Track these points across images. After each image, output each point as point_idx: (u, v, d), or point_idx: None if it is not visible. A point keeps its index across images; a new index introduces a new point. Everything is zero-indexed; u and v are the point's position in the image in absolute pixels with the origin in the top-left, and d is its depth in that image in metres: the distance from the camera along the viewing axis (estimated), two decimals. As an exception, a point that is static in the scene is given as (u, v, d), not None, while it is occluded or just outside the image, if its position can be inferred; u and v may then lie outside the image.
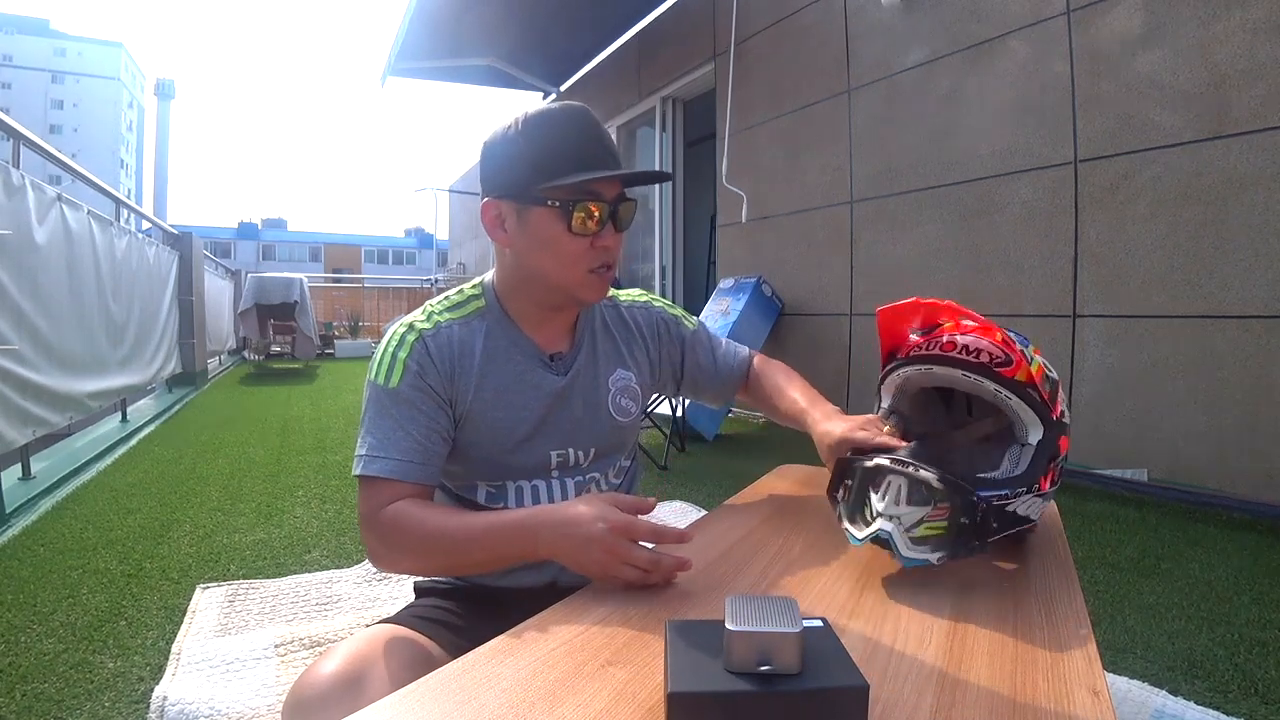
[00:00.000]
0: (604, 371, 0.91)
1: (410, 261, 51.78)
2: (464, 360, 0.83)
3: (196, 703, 1.31)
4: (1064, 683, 0.50)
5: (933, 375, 0.75)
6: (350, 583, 1.93)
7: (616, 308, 0.97)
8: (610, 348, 0.93)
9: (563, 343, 0.90)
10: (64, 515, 2.56)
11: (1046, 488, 0.71)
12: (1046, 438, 0.71)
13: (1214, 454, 2.50)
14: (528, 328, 0.87)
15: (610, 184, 0.79)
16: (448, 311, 0.86)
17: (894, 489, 0.68)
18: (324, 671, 0.62)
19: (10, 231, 2.63)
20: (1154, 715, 1.28)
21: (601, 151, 0.79)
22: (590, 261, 0.80)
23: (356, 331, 12.26)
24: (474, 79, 7.62)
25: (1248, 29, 2.38)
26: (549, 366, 0.87)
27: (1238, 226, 2.43)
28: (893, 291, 3.72)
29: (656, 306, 1.01)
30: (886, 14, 3.68)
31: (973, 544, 0.66)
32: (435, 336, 0.82)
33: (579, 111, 0.81)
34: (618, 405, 0.91)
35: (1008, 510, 0.68)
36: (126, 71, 60.94)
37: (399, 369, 0.80)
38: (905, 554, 0.66)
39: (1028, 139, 3.05)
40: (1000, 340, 0.71)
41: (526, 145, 0.79)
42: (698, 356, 1.01)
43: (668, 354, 0.99)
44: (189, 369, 6.12)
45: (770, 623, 0.45)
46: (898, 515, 0.67)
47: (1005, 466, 0.72)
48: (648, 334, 0.97)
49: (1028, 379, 0.70)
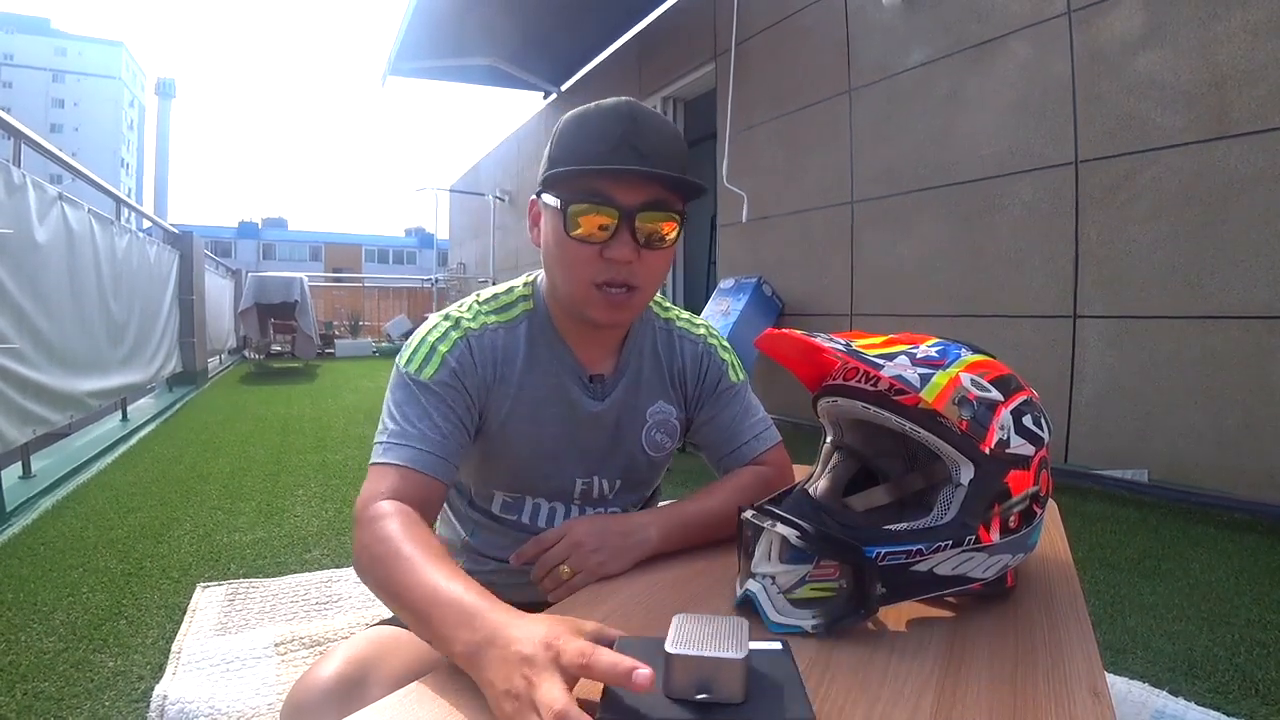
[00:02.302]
0: (644, 402, 0.85)
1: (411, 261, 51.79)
2: (505, 368, 0.78)
3: (196, 701, 1.31)
4: (1064, 683, 0.50)
5: (839, 408, 0.64)
6: (350, 582, 1.93)
7: (670, 332, 0.88)
8: (655, 376, 0.86)
9: (607, 363, 0.83)
10: (64, 514, 2.56)
11: (992, 538, 0.58)
12: (980, 476, 0.57)
13: (1214, 454, 2.50)
14: (572, 340, 0.81)
15: (632, 189, 0.69)
16: (494, 313, 0.80)
17: (765, 543, 0.60)
18: (323, 674, 0.62)
19: (11, 230, 2.63)
20: (1154, 715, 1.28)
21: (618, 147, 0.68)
22: (596, 275, 0.71)
23: (357, 331, 12.25)
24: (475, 79, 7.62)
25: (1248, 29, 2.38)
26: (587, 389, 0.81)
27: (1238, 227, 2.43)
28: (893, 291, 3.72)
29: (709, 344, 0.89)
30: (887, 14, 3.68)
31: (858, 611, 0.55)
32: (480, 338, 0.77)
33: (617, 104, 0.71)
34: (651, 440, 0.85)
35: (916, 570, 0.56)
36: (127, 71, 60.95)
37: (436, 360, 0.74)
38: (772, 618, 0.56)
39: (1028, 139, 3.05)
40: (919, 359, 0.60)
41: (553, 137, 0.73)
42: (719, 416, 0.88)
43: (698, 395, 0.88)
44: (189, 368, 6.12)
45: (714, 646, 0.41)
46: (772, 574, 0.58)
47: (935, 513, 0.58)
48: (689, 369, 0.87)
49: (932, 406, 0.56)
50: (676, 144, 0.73)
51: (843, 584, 0.57)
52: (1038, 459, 0.60)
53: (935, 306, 3.47)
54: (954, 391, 0.57)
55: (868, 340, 0.64)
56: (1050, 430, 0.63)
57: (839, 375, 0.65)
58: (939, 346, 0.63)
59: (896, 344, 0.63)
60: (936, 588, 0.58)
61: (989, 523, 0.58)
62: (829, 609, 0.57)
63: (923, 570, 0.57)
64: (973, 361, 0.61)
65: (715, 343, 0.90)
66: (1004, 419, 0.58)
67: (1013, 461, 0.58)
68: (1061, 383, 2.93)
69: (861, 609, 0.56)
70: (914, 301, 3.60)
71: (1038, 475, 0.60)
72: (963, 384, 0.58)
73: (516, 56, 6.83)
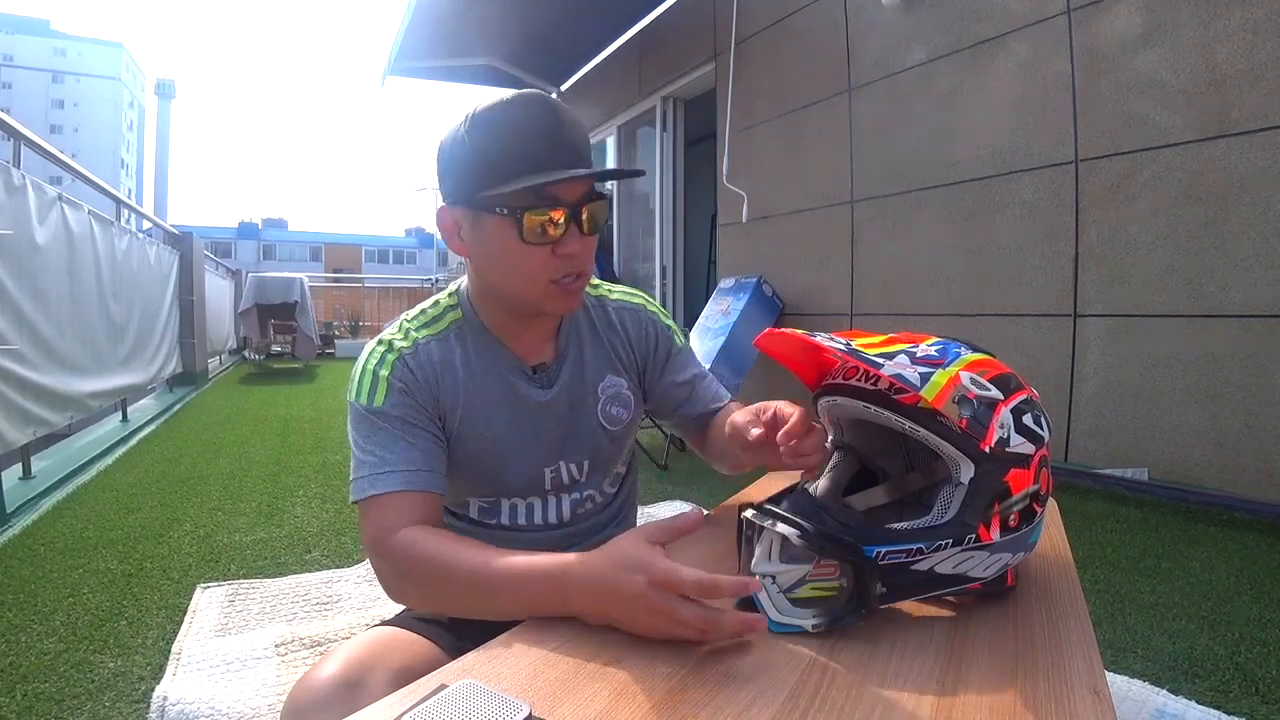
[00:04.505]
0: (591, 379, 0.85)
1: (410, 261, 51.84)
2: (447, 378, 0.78)
3: (197, 702, 1.31)
4: (1064, 683, 0.50)
5: (839, 407, 0.64)
6: (350, 582, 1.93)
7: (604, 307, 0.89)
8: (598, 353, 0.87)
9: (546, 352, 0.84)
10: (64, 515, 2.56)
11: (993, 537, 0.58)
12: (980, 475, 0.57)
13: (1214, 453, 2.50)
14: (507, 338, 0.82)
15: (572, 184, 0.70)
16: (424, 329, 0.81)
17: (765, 542, 0.59)
18: (323, 675, 0.62)
19: (11, 231, 2.63)
20: (1155, 714, 1.28)
21: (557, 148, 0.70)
22: (552, 272, 0.73)
23: (357, 331, 12.26)
24: (474, 79, 7.61)
25: (1248, 29, 2.38)
26: (532, 380, 0.82)
27: (1238, 226, 2.43)
28: (893, 291, 3.72)
29: (650, 312, 0.92)
30: (887, 13, 3.68)
31: (858, 610, 0.56)
32: (415, 355, 0.77)
33: (533, 102, 0.71)
34: (607, 414, 0.86)
35: (916, 568, 0.56)
36: (127, 71, 60.95)
37: (383, 387, 0.75)
38: (774, 618, 0.57)
39: (1028, 138, 3.05)
40: (919, 358, 0.59)
41: (473, 146, 0.71)
42: (675, 376, 0.92)
43: (648, 363, 0.91)
44: (189, 369, 6.13)
45: None
46: (772, 573, 0.58)
47: (935, 512, 0.59)
48: (634, 338, 0.89)
49: (931, 405, 0.56)
50: (583, 124, 0.76)
51: (843, 583, 0.57)
52: (1038, 457, 0.60)
53: (936, 305, 3.47)
54: (954, 390, 0.57)
55: (867, 339, 0.63)
56: (1051, 429, 0.63)
57: (839, 374, 0.64)
58: (939, 345, 0.62)
59: (896, 343, 0.62)
60: (937, 586, 0.58)
61: (989, 521, 0.58)
62: (829, 608, 0.57)
63: (923, 569, 0.57)
64: (972, 360, 0.61)
65: (655, 310, 0.93)
66: (1004, 417, 0.58)
67: (1013, 460, 0.58)
68: (1062, 381, 2.93)
69: (862, 608, 0.56)
70: (914, 301, 3.60)
71: (1038, 474, 0.60)
72: (962, 383, 0.58)
73: (516, 56, 6.82)
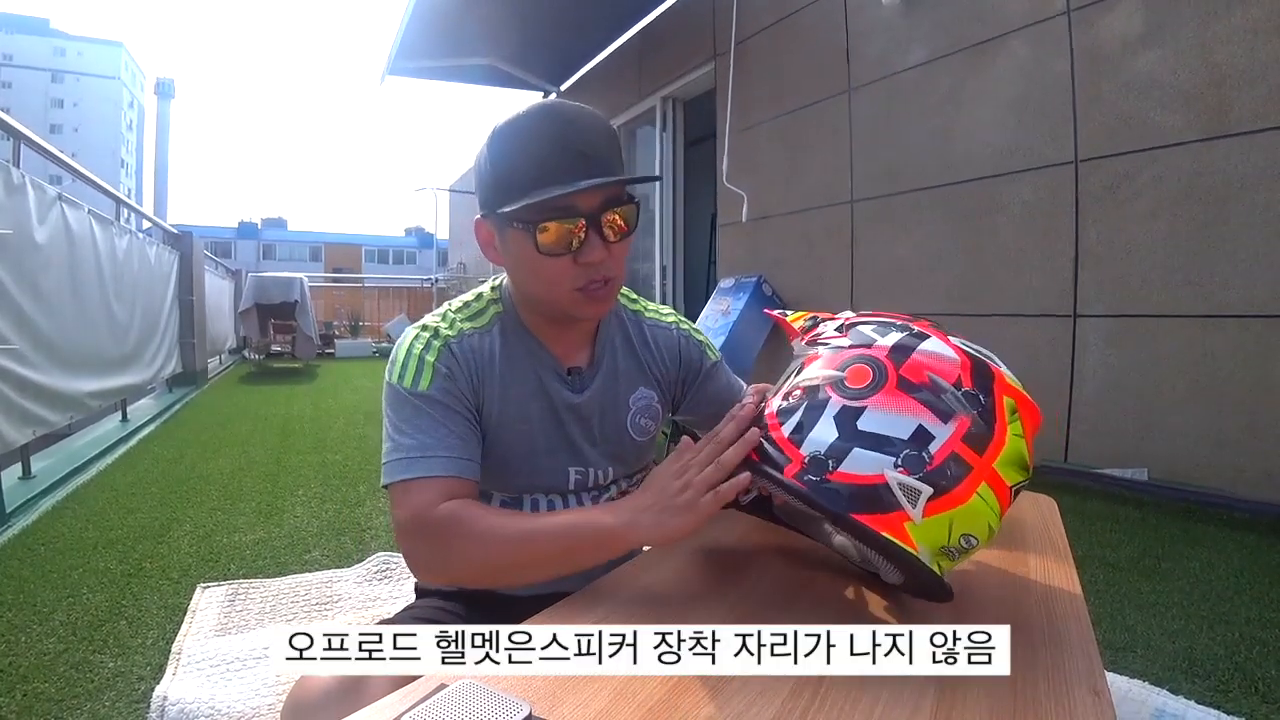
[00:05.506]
0: (624, 390, 0.88)
1: (410, 261, 51.76)
2: (486, 371, 0.80)
3: (197, 702, 1.31)
4: (1064, 682, 0.50)
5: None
6: (350, 582, 1.93)
7: (640, 323, 0.92)
8: (632, 365, 0.89)
9: (582, 355, 0.86)
10: (64, 515, 2.56)
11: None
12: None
13: (1214, 453, 2.50)
14: (545, 338, 0.83)
15: (588, 194, 0.70)
16: (468, 320, 0.82)
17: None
18: (323, 675, 0.62)
19: (11, 231, 2.63)
20: (1154, 714, 1.28)
21: (568, 159, 0.70)
22: (575, 280, 0.74)
23: (357, 331, 12.24)
24: (474, 78, 7.61)
25: (1248, 29, 2.38)
26: (566, 382, 0.84)
27: (1238, 226, 2.43)
28: (893, 291, 3.72)
29: (682, 330, 0.94)
30: (886, 14, 3.68)
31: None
32: (460, 344, 0.79)
33: (546, 114, 0.73)
34: (637, 425, 0.88)
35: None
36: (127, 71, 60.92)
37: (428, 372, 0.75)
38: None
39: (1028, 139, 3.05)
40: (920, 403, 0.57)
41: (491, 161, 0.74)
42: (708, 390, 0.94)
43: (682, 378, 0.94)
44: (189, 368, 6.12)
45: None
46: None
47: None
48: (667, 356, 0.92)
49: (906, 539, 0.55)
50: (605, 128, 0.74)
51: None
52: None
53: (935, 305, 3.47)
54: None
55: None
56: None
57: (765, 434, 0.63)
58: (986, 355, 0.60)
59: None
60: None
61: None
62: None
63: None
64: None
65: (687, 327, 0.95)
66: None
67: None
68: (1061, 382, 2.93)
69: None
70: (914, 300, 3.60)
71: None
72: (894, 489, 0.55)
73: (516, 56, 6.82)
